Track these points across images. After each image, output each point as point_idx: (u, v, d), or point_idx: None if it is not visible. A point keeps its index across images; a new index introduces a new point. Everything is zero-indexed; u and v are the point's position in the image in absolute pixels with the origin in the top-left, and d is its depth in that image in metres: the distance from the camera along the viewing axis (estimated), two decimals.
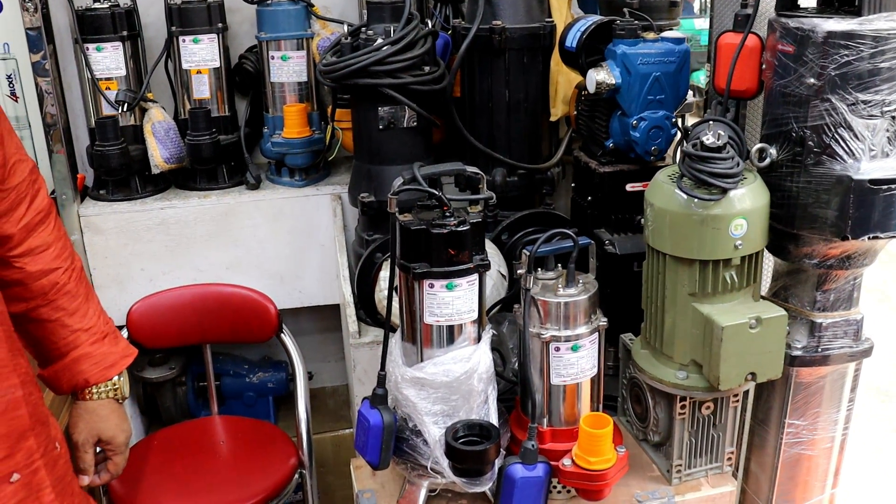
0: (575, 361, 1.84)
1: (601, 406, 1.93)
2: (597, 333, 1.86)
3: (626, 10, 2.17)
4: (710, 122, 1.76)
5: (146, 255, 2.74)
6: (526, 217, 2.40)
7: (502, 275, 2.22)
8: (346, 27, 2.50)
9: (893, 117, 1.67)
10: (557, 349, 1.82)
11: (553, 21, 2.37)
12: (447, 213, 1.71)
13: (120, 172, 2.71)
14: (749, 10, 1.84)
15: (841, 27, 1.63)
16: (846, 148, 1.67)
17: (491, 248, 2.23)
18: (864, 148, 1.68)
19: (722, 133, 1.69)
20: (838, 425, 1.99)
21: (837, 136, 1.68)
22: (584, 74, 2.09)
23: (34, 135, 2.80)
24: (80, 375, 1.70)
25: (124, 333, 2.47)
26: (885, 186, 1.67)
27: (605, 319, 1.87)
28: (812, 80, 1.68)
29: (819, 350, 1.89)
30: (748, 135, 2.08)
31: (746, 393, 1.98)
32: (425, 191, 1.70)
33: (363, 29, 2.36)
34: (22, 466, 1.48)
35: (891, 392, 4.33)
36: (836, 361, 1.91)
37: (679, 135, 2.07)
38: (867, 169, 1.67)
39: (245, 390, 3.08)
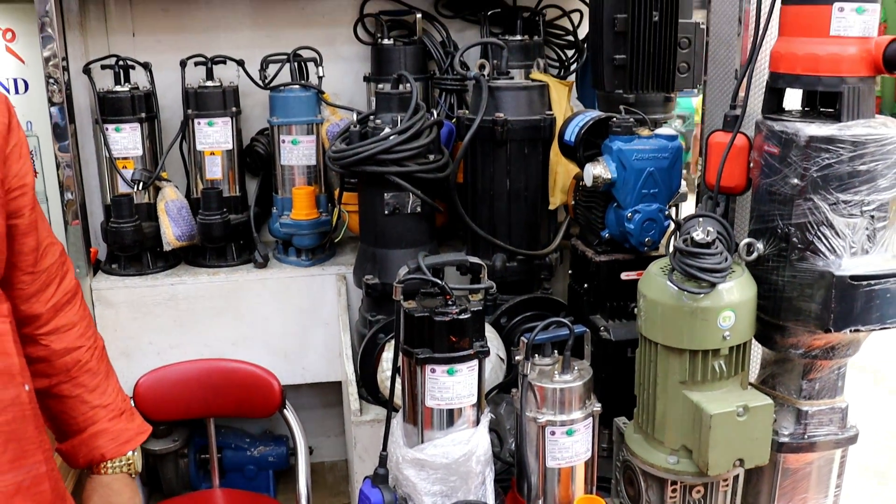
0: (570, 445, 1.91)
1: (595, 489, 1.99)
2: (591, 418, 1.93)
3: (621, 106, 2.27)
4: (700, 219, 1.85)
5: (155, 328, 2.81)
6: (524, 302, 2.48)
7: (501, 358, 2.29)
8: (354, 115, 2.61)
9: (872, 216, 1.76)
10: (553, 433, 1.89)
11: (553, 114, 2.48)
12: (449, 302, 1.80)
13: (133, 248, 2.80)
14: (737, 112, 1.94)
15: (822, 132, 1.73)
16: (828, 245, 1.76)
17: (490, 332, 2.30)
18: (845, 245, 1.76)
19: (711, 229, 1.78)
20: None
21: (820, 234, 1.76)
22: (581, 167, 2.18)
23: (51, 209, 2.90)
24: (97, 450, 1.76)
25: None
26: (865, 282, 1.75)
27: (599, 405, 1.94)
28: (796, 181, 1.77)
29: (805, 437, 1.95)
30: (737, 229, 2.17)
31: (736, 478, 2.03)
32: (429, 280, 1.79)
33: (371, 117, 2.47)
34: None
35: (888, 474, 4.34)
36: (822, 448, 1.96)
37: (672, 226, 2.16)
38: (848, 265, 1.76)
39: (246, 463, 3.12)
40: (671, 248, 1.82)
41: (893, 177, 1.76)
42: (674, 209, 2.53)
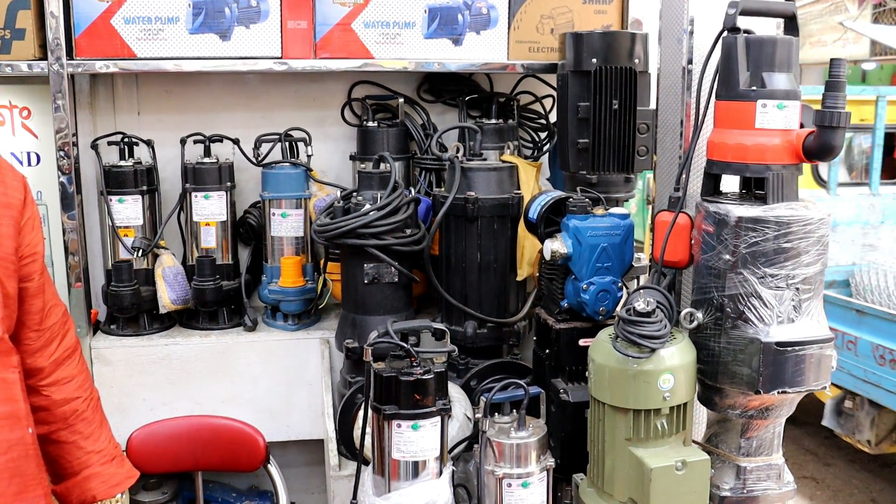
0: (526, 496, 2.08)
1: None
2: (545, 472, 2.10)
3: (578, 187, 2.46)
4: (642, 290, 2.05)
5: (149, 386, 2.94)
6: (493, 366, 2.64)
7: (468, 417, 2.45)
8: (339, 192, 2.81)
9: (797, 289, 1.96)
10: (510, 485, 2.06)
11: (521, 193, 2.67)
12: (414, 363, 1.98)
13: (131, 311, 2.96)
14: (679, 194, 2.15)
15: (749, 213, 1.94)
16: (757, 314, 1.95)
17: (459, 393, 2.47)
18: (772, 314, 1.95)
19: (651, 300, 1.97)
20: None
21: (750, 304, 1.96)
22: (542, 243, 2.38)
23: (56, 271, 3.08)
24: (90, 492, 1.94)
25: None
26: (790, 348, 1.93)
27: (553, 459, 2.11)
28: (728, 256, 1.97)
29: (745, 491, 2.11)
30: (684, 300, 2.36)
31: None
32: (395, 343, 1.97)
33: (354, 194, 2.67)
34: None
35: None
36: (761, 502, 2.12)
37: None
38: (775, 333, 1.94)
39: None
40: (616, 318, 2.01)
41: (816, 253, 1.96)
42: (634, 281, 2.72)
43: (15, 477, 1.61)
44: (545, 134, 3.25)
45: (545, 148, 3.22)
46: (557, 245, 2.28)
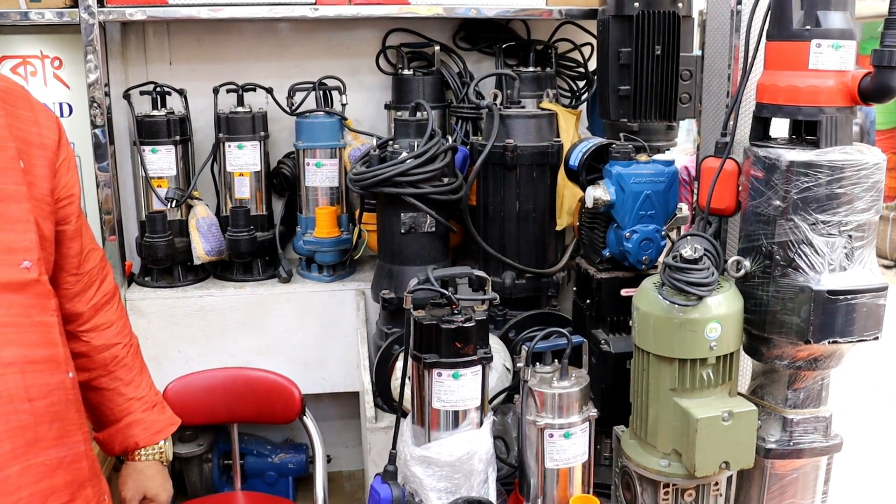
0: (567, 447, 2.04)
1: (591, 490, 2.12)
2: (588, 422, 2.06)
3: (621, 133, 2.41)
4: (689, 237, 1.99)
5: (184, 338, 2.96)
6: (531, 317, 2.61)
7: (507, 369, 2.43)
8: (374, 140, 2.77)
9: (850, 236, 1.89)
10: (551, 436, 2.02)
11: (560, 141, 2.62)
12: (455, 311, 1.94)
13: (165, 262, 2.96)
14: (727, 139, 2.08)
15: (801, 157, 1.87)
16: (808, 262, 1.89)
17: (498, 344, 2.44)
18: (823, 262, 1.89)
19: (699, 247, 1.91)
20: None
21: (800, 252, 1.89)
22: (584, 190, 2.33)
23: (90, 224, 3.07)
24: (132, 439, 1.93)
25: None
26: (842, 297, 1.87)
27: (596, 410, 2.07)
28: (778, 203, 1.90)
29: (791, 444, 2.06)
30: (729, 248, 2.30)
31: (728, 482, 2.14)
32: (436, 291, 1.93)
33: (390, 142, 2.62)
34: None
35: None
36: (807, 455, 2.07)
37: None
38: (826, 281, 1.88)
39: (267, 470, 3.25)
40: (661, 265, 1.96)
41: (870, 199, 1.89)
42: (674, 232, 2.66)
43: (55, 421, 1.60)
44: (584, 83, 3.19)
45: (584, 97, 3.17)
46: (600, 192, 2.23)
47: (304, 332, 3.00)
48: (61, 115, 3.05)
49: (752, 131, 2.03)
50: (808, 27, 1.88)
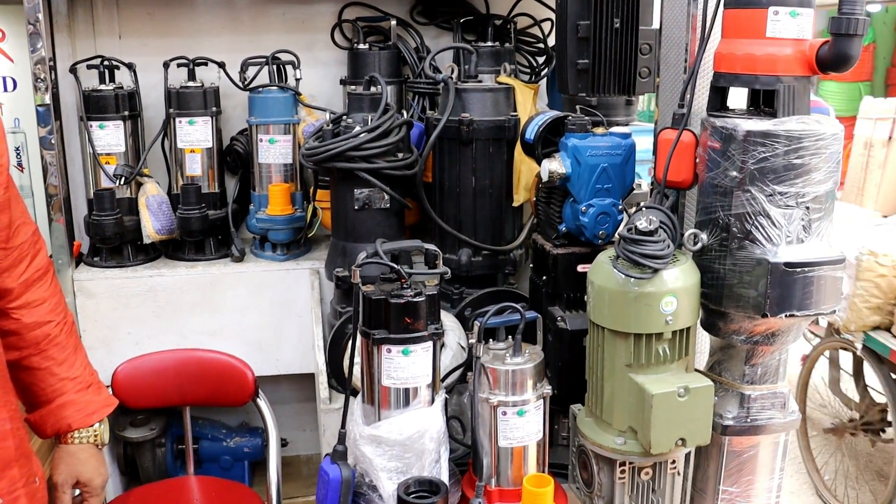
0: (521, 425, 2.00)
1: (546, 469, 2.08)
2: (542, 400, 2.02)
3: (578, 106, 2.36)
4: (645, 209, 1.95)
5: (134, 319, 2.89)
6: (487, 294, 2.56)
7: (462, 347, 2.37)
8: (328, 115, 2.71)
9: (808, 207, 1.85)
10: (504, 413, 1.98)
11: (518, 115, 2.57)
12: (405, 285, 1.88)
13: (114, 241, 2.87)
14: (684, 110, 2.04)
15: (758, 127, 1.83)
16: (765, 234, 1.85)
17: (452, 322, 2.38)
18: (780, 234, 1.85)
19: (654, 219, 1.87)
20: (771, 493, 2.12)
21: (757, 224, 1.85)
22: (539, 164, 2.28)
23: (36, 204, 2.98)
24: (64, 420, 1.85)
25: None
26: (799, 269, 1.84)
27: (550, 387, 2.03)
28: (735, 173, 1.86)
29: (749, 420, 2.03)
30: (687, 222, 2.26)
31: (686, 459, 2.11)
32: (385, 264, 1.88)
33: (344, 117, 2.56)
34: (5, 493, 1.62)
35: None
36: (765, 431, 2.04)
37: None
38: (784, 253, 1.84)
39: (222, 454, 3.19)
40: (616, 237, 1.91)
41: (828, 170, 1.86)
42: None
43: None
44: (543, 59, 3.13)
45: (543, 73, 3.11)
46: (555, 165, 2.18)
47: (258, 313, 2.94)
48: (4, 90, 2.97)
49: (710, 101, 1.99)
50: None
